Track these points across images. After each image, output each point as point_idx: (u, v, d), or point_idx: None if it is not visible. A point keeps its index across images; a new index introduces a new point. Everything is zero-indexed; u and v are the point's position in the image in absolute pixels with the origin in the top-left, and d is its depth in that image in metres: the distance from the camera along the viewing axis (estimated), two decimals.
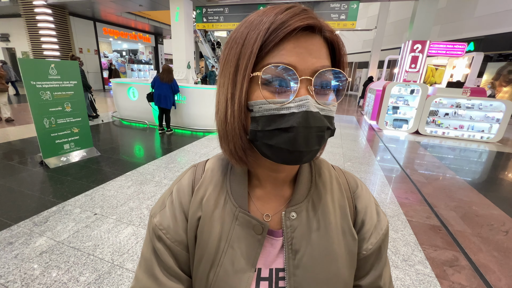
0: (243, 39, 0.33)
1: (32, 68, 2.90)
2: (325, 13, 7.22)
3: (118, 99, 6.05)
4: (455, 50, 7.42)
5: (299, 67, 0.31)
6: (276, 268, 0.40)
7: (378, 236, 0.42)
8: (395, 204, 2.63)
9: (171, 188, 0.45)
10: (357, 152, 4.40)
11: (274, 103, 0.31)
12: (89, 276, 1.54)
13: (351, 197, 0.45)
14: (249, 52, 0.32)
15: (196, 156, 3.79)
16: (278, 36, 0.30)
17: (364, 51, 16.10)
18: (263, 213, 0.41)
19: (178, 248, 0.41)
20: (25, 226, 1.98)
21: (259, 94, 0.32)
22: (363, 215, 0.43)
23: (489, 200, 2.85)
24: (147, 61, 16.31)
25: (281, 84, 0.31)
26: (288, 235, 0.39)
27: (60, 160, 3.26)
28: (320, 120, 0.31)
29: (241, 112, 0.34)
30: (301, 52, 0.31)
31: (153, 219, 0.42)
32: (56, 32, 9.48)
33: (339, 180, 0.45)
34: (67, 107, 3.28)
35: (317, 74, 0.31)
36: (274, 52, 0.31)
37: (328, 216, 0.41)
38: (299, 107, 0.30)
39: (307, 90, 0.31)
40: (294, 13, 0.31)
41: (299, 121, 0.30)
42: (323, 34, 0.33)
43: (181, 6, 6.92)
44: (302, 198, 0.41)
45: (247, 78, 0.32)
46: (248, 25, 0.33)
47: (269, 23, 0.31)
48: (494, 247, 2.02)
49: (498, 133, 5.62)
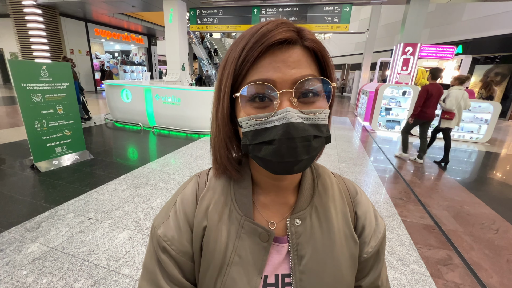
0: (225, 61, 0.36)
1: (23, 69, 2.83)
2: (318, 16, 7.31)
3: (111, 101, 5.96)
4: (444, 52, 7.62)
5: (278, 80, 0.32)
6: (282, 274, 0.40)
7: (377, 239, 0.44)
8: (389, 204, 2.68)
9: (175, 198, 0.45)
10: (352, 153, 4.45)
11: (257, 118, 0.33)
12: (84, 282, 1.51)
13: (351, 203, 0.46)
14: (227, 73, 0.35)
15: (192, 159, 3.77)
16: (253, 55, 0.32)
17: (357, 53, 16.34)
18: (268, 221, 0.42)
19: (183, 258, 0.41)
20: (16, 232, 1.93)
21: (246, 111, 0.34)
22: (363, 220, 0.45)
23: (479, 199, 2.93)
24: (140, 62, 16.15)
25: (262, 99, 0.33)
26: (294, 242, 0.40)
27: (52, 163, 3.19)
28: (303, 130, 0.32)
29: (225, 127, 0.37)
30: (278, 66, 0.32)
31: (156, 230, 0.42)
32: (46, 32, 9.29)
33: (340, 187, 0.47)
34: (59, 109, 3.21)
35: (297, 84, 0.32)
36: (253, 70, 0.33)
37: (331, 222, 0.42)
38: (280, 120, 0.31)
39: (290, 101, 0.32)
40: (267, 29, 0.32)
41: (280, 133, 0.31)
42: (304, 43, 0.33)
43: (175, 8, 6.89)
44: (305, 205, 0.42)
45: (226, 96, 0.35)
46: (232, 46, 0.36)
47: (244, 43, 0.33)
48: (486, 245, 2.08)
49: (486, 134, 5.79)
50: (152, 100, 5.37)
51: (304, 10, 7.37)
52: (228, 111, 0.36)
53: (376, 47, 12.32)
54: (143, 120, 5.66)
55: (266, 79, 0.32)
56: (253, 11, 7.67)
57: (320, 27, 7.37)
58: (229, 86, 0.35)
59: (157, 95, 5.30)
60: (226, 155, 0.39)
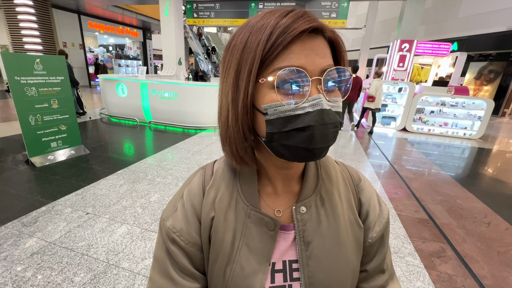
0: (243, 45, 0.34)
1: (16, 62, 2.77)
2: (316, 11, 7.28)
3: (106, 95, 5.88)
4: (440, 49, 7.68)
5: (309, 68, 0.32)
6: (289, 260, 0.41)
7: (381, 224, 0.45)
8: (385, 199, 2.72)
9: (182, 191, 0.46)
10: (348, 149, 4.49)
11: (289, 105, 0.32)
12: (84, 276, 1.52)
13: (355, 190, 0.47)
14: (251, 57, 0.33)
15: (189, 154, 3.76)
16: (286, 39, 0.31)
17: (353, 49, 16.35)
18: (274, 209, 0.43)
19: (192, 249, 0.42)
20: (13, 227, 1.91)
21: (273, 97, 0.33)
22: (367, 206, 0.46)
23: (472, 194, 3.00)
24: (135, 56, 15.90)
25: (293, 86, 0.32)
26: (300, 229, 0.41)
27: (47, 158, 3.15)
28: (334, 116, 0.33)
29: (246, 115, 0.35)
30: (309, 54, 0.32)
31: (165, 222, 0.43)
32: (38, 25, 9.04)
33: (343, 174, 0.48)
34: (53, 103, 3.16)
35: (326, 73, 0.33)
36: (282, 55, 0.32)
37: (336, 208, 0.43)
38: (313, 106, 0.32)
39: (318, 89, 0.33)
40: (297, 16, 0.32)
41: (315, 119, 0.31)
42: (325, 34, 0.34)
43: (171, 1, 6.77)
44: (310, 192, 0.42)
45: (252, 82, 0.33)
46: (247, 30, 0.34)
47: (272, 27, 0.32)
48: (477, 238, 2.14)
49: (479, 130, 5.89)
50: (148, 95, 5.32)
51: (302, 4, 7.33)
52: (251, 98, 0.34)
53: (373, 43, 12.34)
54: (139, 115, 5.60)
55: (300, 65, 0.32)
56: (250, 5, 7.59)
57: None
58: (255, 70, 0.33)
59: (153, 89, 5.24)
60: (243, 146, 0.38)
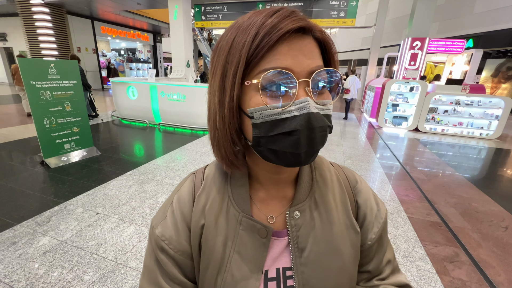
0: (229, 46, 0.32)
1: (32, 67, 2.89)
2: (324, 11, 7.21)
3: (117, 98, 6.03)
4: (454, 47, 7.43)
5: (296, 69, 0.31)
6: (283, 268, 0.40)
7: (379, 225, 0.44)
8: (395, 201, 2.65)
9: (171, 198, 0.45)
10: (357, 150, 4.41)
11: (275, 108, 0.31)
12: (93, 274, 1.55)
13: (352, 192, 0.46)
14: (237, 58, 0.31)
15: (197, 155, 3.80)
16: (272, 39, 0.30)
17: (363, 49, 16.07)
18: (267, 215, 0.41)
19: (182, 257, 0.41)
20: (28, 226, 1.99)
21: (259, 100, 0.31)
22: (365, 208, 0.45)
23: (488, 196, 2.87)
24: (146, 59, 16.24)
25: (279, 88, 0.31)
26: (294, 234, 0.40)
27: (61, 160, 3.26)
28: (322, 120, 0.31)
29: (232, 118, 0.34)
30: (296, 55, 0.31)
31: (154, 230, 0.42)
32: (54, 31, 9.42)
33: (339, 177, 0.46)
34: (67, 106, 3.27)
35: (314, 75, 0.31)
36: (268, 56, 0.31)
37: (331, 213, 0.41)
38: (300, 110, 0.31)
39: (305, 91, 0.31)
40: (283, 15, 0.31)
41: (302, 123, 0.30)
42: (313, 34, 0.33)
43: (179, 4, 6.88)
44: (304, 197, 0.41)
45: (237, 84, 0.32)
46: (234, 30, 0.33)
47: (258, 28, 0.30)
48: (494, 243, 2.04)
49: (497, 130, 5.65)
50: (158, 97, 5.42)
51: (309, 4, 7.28)
52: (237, 100, 0.33)
53: (383, 42, 12.08)
54: (149, 117, 5.72)
55: (286, 67, 0.30)
56: (257, 6, 7.61)
57: (326, 22, 7.27)
58: (240, 72, 0.31)
59: (162, 92, 5.34)
60: (232, 149, 0.37)
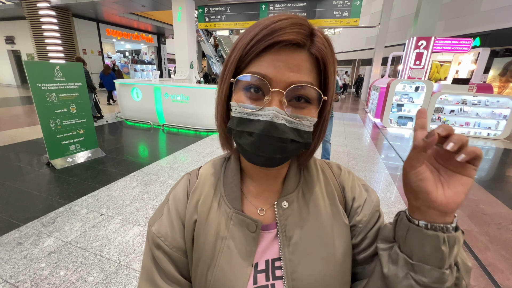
0: (235, 46, 0.37)
1: (38, 70, 2.93)
2: (328, 11, 7.17)
3: (122, 99, 6.09)
4: (460, 45, 7.33)
5: (274, 79, 0.33)
6: (272, 259, 0.41)
7: (370, 207, 0.44)
8: (400, 202, 2.62)
9: (167, 197, 0.47)
10: (361, 151, 4.37)
11: (245, 108, 0.34)
12: (96, 276, 1.56)
13: (337, 182, 0.48)
14: (233, 58, 0.36)
15: (200, 156, 3.81)
16: (259, 47, 0.33)
17: (368, 48, 15.95)
18: (257, 208, 0.43)
19: (177, 254, 0.42)
20: (34, 227, 2.01)
21: (240, 98, 0.36)
22: (352, 192, 0.46)
23: (496, 198, 2.82)
24: (150, 61, 16.38)
25: (256, 91, 0.34)
26: (282, 223, 0.41)
27: (66, 161, 3.30)
28: (282, 132, 0.33)
29: (222, 107, 0.40)
30: (279, 66, 0.33)
31: (151, 228, 0.43)
32: (60, 33, 9.58)
33: (325, 171, 0.49)
34: (72, 108, 3.31)
35: (290, 88, 0.33)
36: (255, 61, 0.34)
37: (318, 203, 0.43)
38: (265, 116, 0.33)
39: (280, 102, 0.33)
40: (280, 26, 0.32)
41: (260, 128, 0.33)
42: (310, 49, 0.34)
43: (183, 6, 6.93)
44: (292, 189, 0.43)
45: (227, 81, 0.37)
46: (244, 33, 0.36)
47: (254, 34, 0.33)
48: (502, 246, 2.00)
49: (505, 130, 5.54)
50: (162, 98, 5.45)
51: (313, 5, 7.25)
52: (226, 93, 0.39)
53: (388, 41, 11.97)
54: (153, 118, 5.76)
55: (264, 74, 0.33)
56: (261, 7, 7.61)
57: (330, 22, 7.23)
58: (232, 70, 0.36)
59: (166, 93, 5.37)
60: (223, 132, 0.43)
